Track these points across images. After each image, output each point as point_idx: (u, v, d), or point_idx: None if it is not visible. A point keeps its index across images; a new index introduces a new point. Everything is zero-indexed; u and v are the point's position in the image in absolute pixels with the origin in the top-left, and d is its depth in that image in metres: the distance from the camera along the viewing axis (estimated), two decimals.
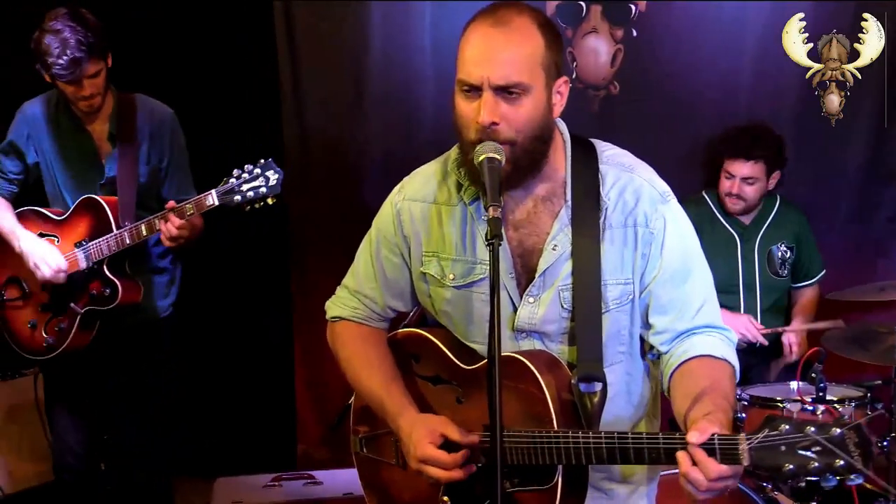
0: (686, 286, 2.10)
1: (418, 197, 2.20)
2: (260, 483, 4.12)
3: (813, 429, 1.67)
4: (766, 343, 4.14)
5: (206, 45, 4.58)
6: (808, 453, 1.67)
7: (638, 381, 2.18)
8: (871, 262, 4.70)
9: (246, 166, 3.27)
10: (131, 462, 3.80)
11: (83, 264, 3.47)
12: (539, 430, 1.96)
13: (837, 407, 3.49)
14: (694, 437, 1.75)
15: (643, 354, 2.20)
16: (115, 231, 3.43)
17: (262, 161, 3.28)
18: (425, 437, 2.03)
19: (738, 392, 3.65)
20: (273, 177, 3.27)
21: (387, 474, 2.30)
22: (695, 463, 1.75)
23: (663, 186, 2.16)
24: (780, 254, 4.33)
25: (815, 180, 4.66)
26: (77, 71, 3.31)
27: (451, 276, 2.15)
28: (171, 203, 3.35)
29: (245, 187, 3.26)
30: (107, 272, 3.46)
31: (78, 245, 3.48)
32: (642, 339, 2.18)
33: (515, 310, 2.11)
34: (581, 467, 2.00)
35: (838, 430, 1.66)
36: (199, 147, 3.84)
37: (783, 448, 1.69)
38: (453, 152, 2.18)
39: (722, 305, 4.18)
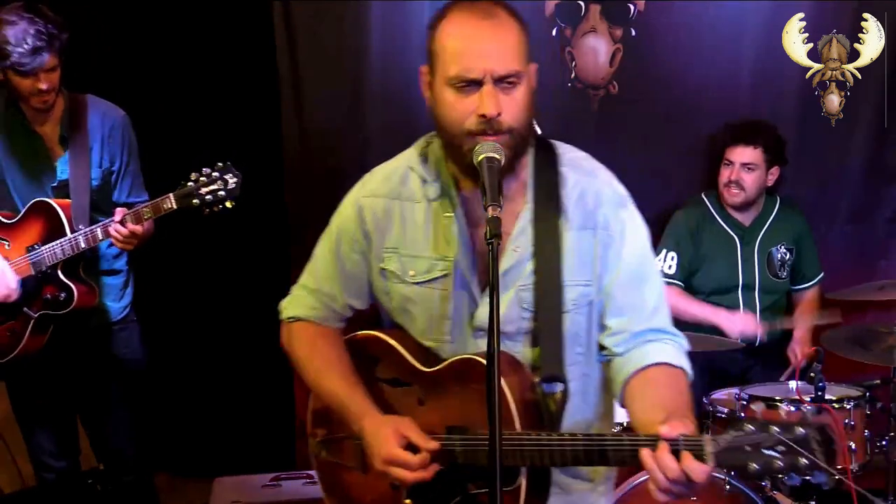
0: (642, 289, 2.13)
1: (380, 193, 2.20)
2: (259, 483, 4.12)
3: (777, 429, 1.71)
4: (764, 339, 4.14)
5: (205, 45, 4.57)
6: (773, 453, 1.71)
7: (594, 383, 2.20)
8: (872, 262, 4.70)
9: (204, 169, 3.24)
10: (109, 462, 3.77)
11: (36, 269, 3.40)
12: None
13: (836, 406, 3.49)
14: (664, 429, 1.78)
15: None
16: (69, 235, 3.37)
17: (220, 164, 3.25)
18: (391, 437, 2.03)
19: (738, 391, 3.65)
20: (231, 180, 3.24)
21: (347, 478, 2.28)
22: (656, 460, 1.78)
23: (623, 191, 2.18)
24: (779, 255, 4.33)
25: (816, 180, 4.66)
26: (37, 60, 3.23)
27: (412, 273, 2.15)
28: (122, 210, 3.31)
29: (203, 191, 3.23)
30: (61, 276, 3.40)
31: (30, 249, 3.41)
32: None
33: (475, 308, 2.12)
34: (544, 470, 2.01)
35: (802, 430, 1.70)
36: (198, 147, 3.84)
37: (748, 448, 1.73)
38: (414, 150, 2.21)
39: (721, 306, 4.25)
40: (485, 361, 1.97)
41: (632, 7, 4.51)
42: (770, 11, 4.52)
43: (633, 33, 4.52)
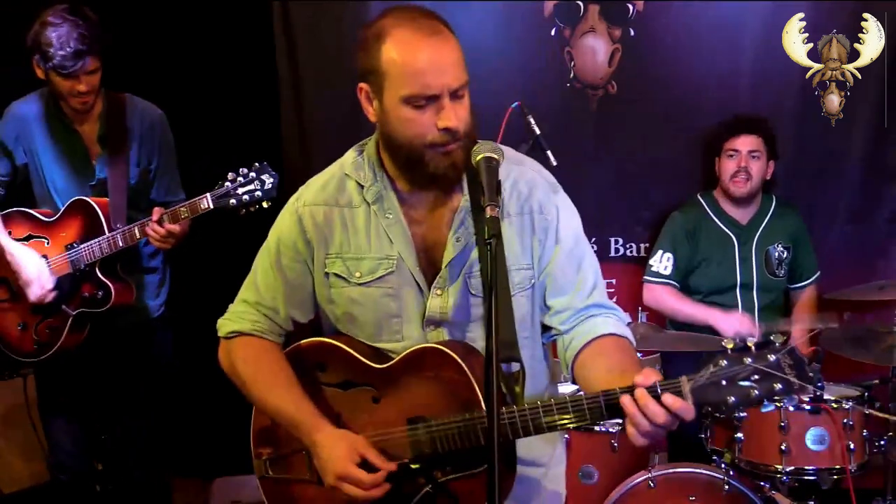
0: (581, 267, 2.21)
1: (319, 201, 2.23)
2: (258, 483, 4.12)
3: (750, 359, 1.78)
4: (758, 337, 4.14)
5: (205, 45, 4.58)
6: (748, 383, 1.78)
7: (540, 363, 2.27)
8: (871, 262, 4.69)
9: (241, 170, 3.27)
10: (129, 462, 3.79)
11: (74, 267, 3.45)
12: (470, 415, 2.01)
13: (835, 406, 3.49)
14: (639, 379, 1.85)
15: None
16: (107, 233, 3.41)
17: (258, 164, 3.28)
18: (345, 454, 2.06)
19: None
20: (268, 180, 3.26)
21: (299, 492, 2.28)
22: (637, 405, 1.83)
23: (552, 178, 2.27)
24: (776, 254, 4.34)
25: (815, 180, 4.65)
26: (79, 63, 3.30)
27: (358, 274, 2.18)
28: (159, 210, 3.34)
29: (240, 191, 3.26)
30: (99, 274, 3.45)
31: (69, 247, 3.46)
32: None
33: (424, 301, 2.16)
34: (510, 447, 2.05)
35: (773, 356, 1.77)
36: (197, 147, 3.84)
37: (724, 382, 1.79)
38: (347, 158, 2.26)
39: (718, 305, 4.25)
40: (439, 347, 2.07)
41: (631, 7, 4.51)
42: (769, 11, 4.52)
43: (632, 33, 4.53)
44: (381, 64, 2.03)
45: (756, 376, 1.77)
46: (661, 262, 4.28)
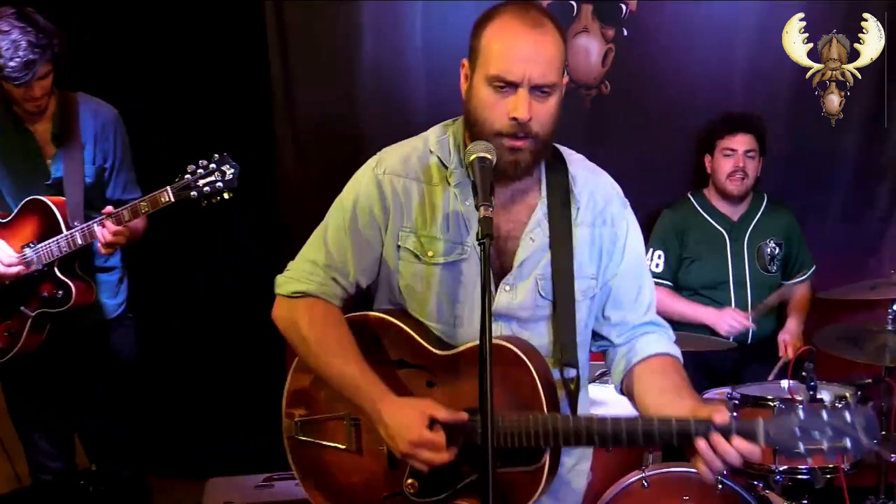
0: (641, 284, 2.29)
1: (400, 172, 2.21)
2: (252, 483, 4.11)
3: (826, 414, 1.84)
4: (754, 327, 4.16)
5: (197, 44, 4.57)
6: (820, 434, 1.84)
7: (584, 369, 2.28)
8: (863, 261, 4.71)
9: (201, 161, 3.23)
10: (102, 461, 3.76)
11: (33, 266, 3.40)
12: (535, 414, 2.02)
13: (827, 405, 3.49)
14: (718, 417, 1.89)
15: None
16: (65, 232, 3.36)
17: (217, 156, 3.24)
18: (416, 420, 2.04)
19: (730, 391, 3.66)
20: (229, 171, 3.23)
21: (331, 459, 2.28)
22: (712, 447, 1.88)
23: (621, 192, 2.34)
24: (769, 250, 4.35)
25: (808, 179, 4.66)
26: (30, 73, 3.23)
27: (431, 254, 2.18)
28: (109, 209, 3.30)
29: (201, 182, 3.22)
30: (58, 274, 3.40)
31: (26, 247, 3.40)
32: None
33: (492, 295, 2.16)
34: (558, 450, 2.07)
35: (849, 415, 1.83)
36: (191, 147, 3.83)
37: (797, 432, 1.85)
38: (433, 134, 2.26)
39: (711, 301, 4.26)
40: (507, 345, 2.07)
41: (624, 7, 4.51)
42: (763, 11, 4.53)
43: (626, 33, 4.53)
44: (480, 42, 2.09)
45: (830, 432, 1.84)
46: (653, 261, 4.30)
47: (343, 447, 2.25)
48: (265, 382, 4.75)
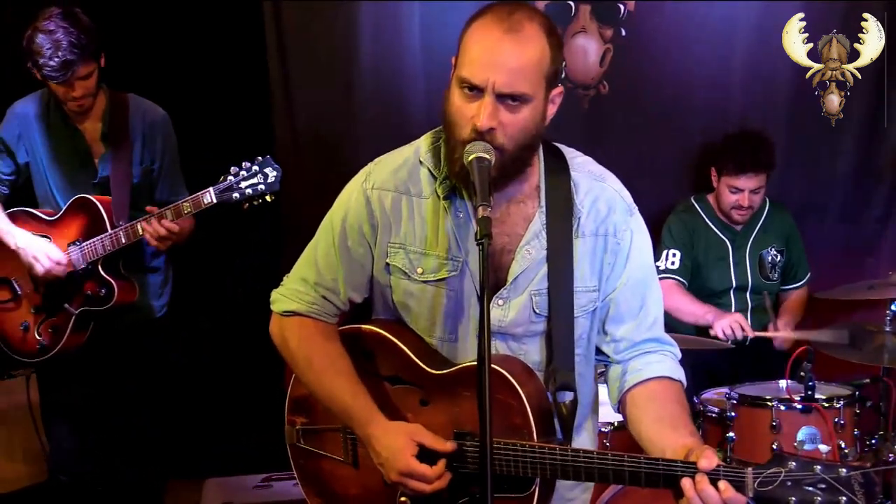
0: (646, 298, 2.16)
1: (388, 186, 2.15)
2: (250, 483, 4.12)
3: (820, 467, 1.74)
4: (753, 335, 4.15)
5: (196, 45, 4.57)
6: (813, 489, 1.74)
7: (588, 382, 2.22)
8: (861, 261, 4.71)
9: (244, 163, 3.24)
10: (127, 463, 3.77)
11: (78, 264, 3.44)
12: (523, 443, 1.96)
13: (826, 405, 3.49)
14: (703, 462, 1.80)
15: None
16: (109, 231, 3.40)
17: (260, 158, 3.26)
18: (405, 448, 2.00)
19: (728, 391, 3.66)
20: (271, 174, 3.24)
21: (330, 469, 2.27)
22: (696, 490, 1.79)
23: (630, 199, 2.19)
24: (770, 258, 4.35)
25: (806, 180, 4.67)
26: (68, 73, 3.29)
27: (420, 271, 2.12)
28: (153, 208, 3.33)
29: (243, 185, 3.24)
30: (102, 272, 3.44)
31: (71, 245, 3.44)
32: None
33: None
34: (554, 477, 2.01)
35: (845, 471, 1.72)
36: (190, 147, 3.84)
37: (789, 483, 1.75)
38: (424, 142, 2.17)
39: (714, 306, 4.23)
40: (498, 369, 1.99)
41: (622, 7, 4.51)
42: (761, 12, 4.53)
43: (624, 33, 4.53)
44: (462, 42, 1.99)
45: (823, 486, 1.73)
46: (668, 259, 4.24)
47: (341, 459, 2.24)
48: (264, 383, 4.77)
